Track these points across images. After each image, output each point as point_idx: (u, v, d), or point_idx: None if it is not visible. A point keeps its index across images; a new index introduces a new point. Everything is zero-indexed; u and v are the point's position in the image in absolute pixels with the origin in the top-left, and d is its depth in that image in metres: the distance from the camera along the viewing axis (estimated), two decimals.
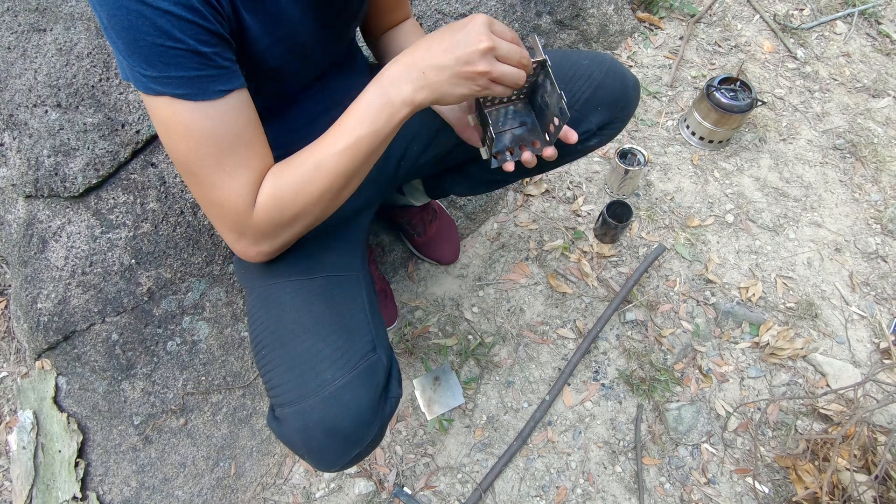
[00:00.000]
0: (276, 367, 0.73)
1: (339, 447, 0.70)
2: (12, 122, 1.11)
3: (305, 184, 0.62)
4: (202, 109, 0.56)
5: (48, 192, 1.11)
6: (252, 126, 0.61)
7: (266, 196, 0.63)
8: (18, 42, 1.10)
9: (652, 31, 1.79)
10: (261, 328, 0.77)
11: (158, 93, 0.55)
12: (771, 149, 1.57)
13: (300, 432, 0.69)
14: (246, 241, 0.65)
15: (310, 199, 0.63)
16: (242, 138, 0.60)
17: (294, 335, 0.74)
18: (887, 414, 1.19)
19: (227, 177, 0.60)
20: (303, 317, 0.75)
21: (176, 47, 0.53)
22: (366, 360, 0.73)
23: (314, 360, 0.71)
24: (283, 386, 0.71)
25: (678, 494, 1.13)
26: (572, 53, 0.89)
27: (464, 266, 1.39)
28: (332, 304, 0.76)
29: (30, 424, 1.12)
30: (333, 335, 0.73)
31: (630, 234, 1.43)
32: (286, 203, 0.63)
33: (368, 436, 0.71)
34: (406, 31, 0.87)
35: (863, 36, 1.81)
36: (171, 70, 0.54)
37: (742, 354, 1.28)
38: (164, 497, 1.12)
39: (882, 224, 1.45)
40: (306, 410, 0.69)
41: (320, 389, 0.69)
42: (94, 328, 1.14)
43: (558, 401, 1.23)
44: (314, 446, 0.69)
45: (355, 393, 0.70)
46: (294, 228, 0.66)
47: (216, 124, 0.57)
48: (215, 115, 0.57)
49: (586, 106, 0.87)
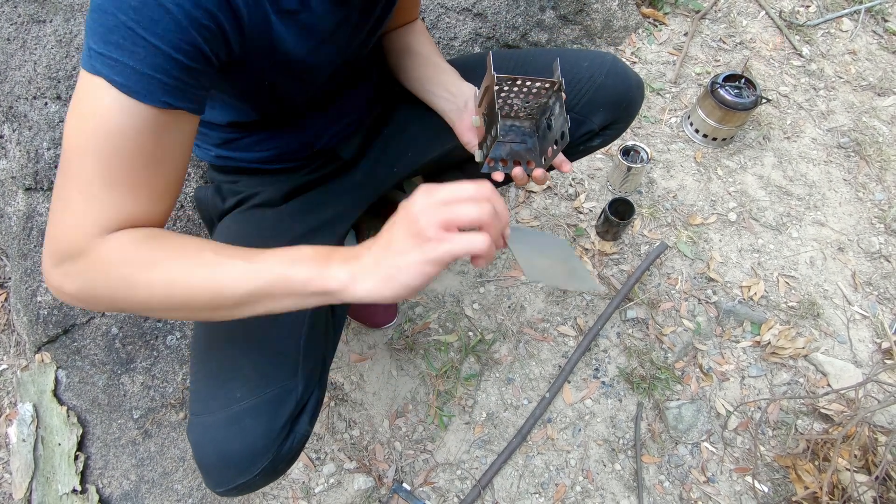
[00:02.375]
0: (198, 372, 0.71)
1: (224, 471, 0.66)
2: (12, 114, 1.10)
3: (164, 283, 0.50)
4: (130, 107, 0.47)
5: (48, 184, 1.11)
6: (171, 156, 0.52)
7: (120, 244, 0.50)
8: (18, 33, 1.09)
9: (656, 27, 1.77)
10: (199, 330, 0.74)
11: (97, 71, 0.47)
12: (775, 147, 1.56)
13: (197, 445, 0.66)
14: (55, 261, 0.51)
15: (151, 299, 0.51)
16: (152, 161, 0.50)
17: (220, 345, 0.70)
18: (888, 414, 1.18)
19: (101, 184, 0.49)
20: (236, 327, 0.69)
21: (145, 38, 0.46)
22: (279, 387, 0.68)
23: (229, 375, 0.68)
24: (198, 393, 0.69)
25: (677, 493, 1.13)
26: (573, 53, 0.88)
27: (464, 262, 1.38)
28: (267, 320, 0.68)
29: (29, 417, 1.12)
30: (256, 352, 0.69)
31: (632, 231, 1.42)
32: (132, 263, 0.50)
33: (257, 467, 0.66)
34: (413, 31, 0.87)
35: (869, 33, 1.79)
36: (125, 56, 0.46)
37: (743, 353, 1.27)
38: (164, 491, 1.12)
39: (885, 223, 1.44)
40: (206, 424, 0.66)
41: (227, 406, 0.66)
42: (93, 322, 1.14)
43: (558, 398, 1.23)
44: (204, 463, 0.66)
45: (256, 419, 0.65)
46: (106, 301, 0.52)
47: (133, 127, 0.48)
48: (139, 119, 0.48)
49: (588, 107, 0.85)
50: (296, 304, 0.52)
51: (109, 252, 0.50)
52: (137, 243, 0.51)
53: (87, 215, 0.49)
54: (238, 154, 0.81)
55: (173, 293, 0.51)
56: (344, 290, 0.50)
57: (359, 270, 0.50)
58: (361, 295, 0.50)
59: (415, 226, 0.49)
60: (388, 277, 0.49)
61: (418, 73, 0.85)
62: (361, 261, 0.50)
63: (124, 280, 0.50)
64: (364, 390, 1.24)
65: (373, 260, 0.50)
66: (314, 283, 0.50)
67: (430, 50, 0.86)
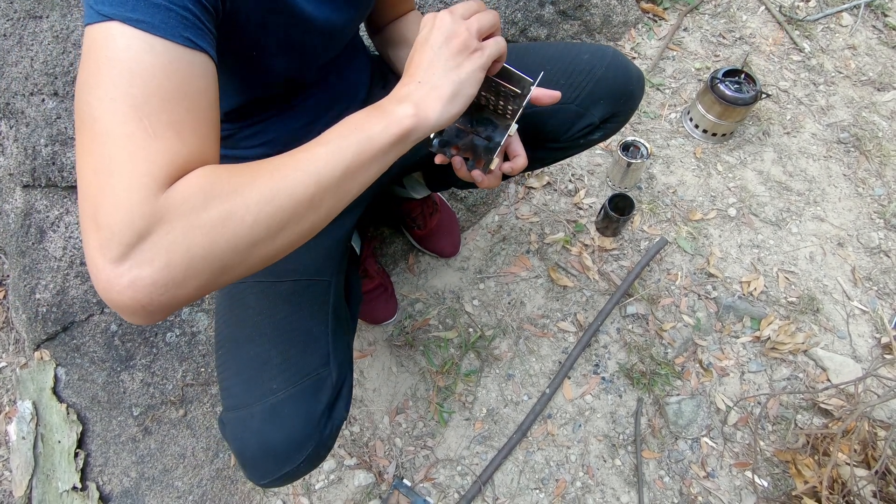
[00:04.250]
0: (228, 367, 0.71)
1: (269, 462, 0.67)
2: (9, 111, 1.09)
3: (255, 183, 0.43)
4: (153, 43, 0.41)
5: (46, 181, 1.11)
6: (207, 99, 0.45)
7: (190, 185, 0.41)
8: (14, 29, 1.08)
9: (656, 22, 1.77)
10: (222, 325, 0.75)
11: (106, 16, 0.41)
12: (774, 142, 1.56)
13: (236, 440, 0.67)
14: (120, 251, 0.38)
15: (253, 209, 0.42)
16: (189, 100, 0.43)
17: (250, 338, 0.71)
18: (888, 409, 1.18)
19: (141, 134, 0.40)
20: (263, 320, 0.71)
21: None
22: (314, 376, 0.69)
23: (263, 367, 0.68)
24: (231, 389, 0.69)
25: (677, 488, 1.14)
26: (574, 46, 0.87)
27: (464, 259, 1.38)
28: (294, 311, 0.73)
29: (29, 415, 1.12)
30: (287, 343, 0.70)
31: (632, 227, 1.42)
32: (219, 196, 0.41)
33: (301, 455, 0.67)
34: (410, 21, 0.86)
35: (869, 28, 1.79)
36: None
37: (743, 349, 1.28)
38: (164, 488, 1.12)
39: (885, 219, 1.44)
40: (246, 418, 0.67)
41: (264, 398, 0.67)
42: (92, 319, 1.14)
43: (558, 394, 1.23)
44: (247, 456, 0.67)
45: (296, 408, 0.67)
46: (210, 257, 0.41)
47: (162, 64, 0.41)
48: (166, 56, 0.41)
49: (588, 99, 0.85)
50: (381, 165, 0.50)
51: (185, 198, 0.40)
52: (210, 177, 0.42)
53: (141, 172, 0.39)
54: (237, 152, 0.81)
55: (280, 203, 0.43)
56: (419, 124, 0.51)
57: (420, 99, 0.52)
58: (434, 119, 0.52)
59: (458, 40, 0.54)
60: (454, 94, 0.53)
61: None
62: (417, 92, 0.53)
63: (219, 217, 0.41)
64: (364, 387, 1.24)
65: (429, 85, 0.53)
66: (391, 129, 0.50)
67: None
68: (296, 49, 0.66)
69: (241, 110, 0.75)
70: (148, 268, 0.38)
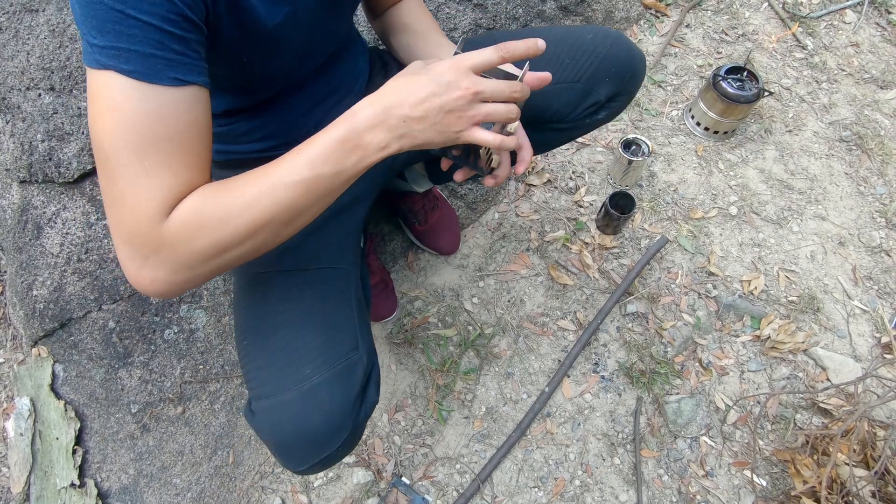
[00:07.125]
0: (256, 357, 0.71)
1: (307, 447, 0.67)
2: (5, 106, 1.08)
3: (241, 210, 0.52)
4: (144, 91, 0.48)
5: (42, 177, 1.10)
6: (195, 130, 0.53)
7: (185, 212, 0.52)
8: (10, 23, 1.07)
9: (658, 19, 1.75)
10: (246, 317, 0.75)
11: (104, 66, 0.48)
12: (776, 140, 1.55)
13: (272, 427, 0.67)
14: (139, 261, 0.52)
15: (240, 230, 0.53)
16: (178, 138, 0.51)
17: (277, 327, 0.72)
18: (887, 409, 1.18)
19: (142, 173, 0.50)
20: (288, 309, 0.72)
21: (136, 17, 0.46)
22: (346, 359, 0.70)
23: (295, 354, 0.69)
24: (261, 378, 0.70)
25: (676, 487, 1.14)
26: (577, 28, 0.88)
27: (464, 256, 1.37)
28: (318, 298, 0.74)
29: (27, 411, 1.11)
30: (316, 330, 0.71)
31: (632, 225, 1.41)
32: (208, 226, 0.52)
33: (338, 439, 0.68)
34: (409, 6, 0.84)
35: (872, 25, 1.78)
36: (125, 42, 0.47)
37: (743, 348, 1.27)
38: (163, 485, 1.12)
39: (887, 218, 1.44)
40: (282, 405, 0.67)
41: (297, 384, 0.67)
42: (90, 316, 1.13)
43: (558, 392, 1.22)
44: (284, 443, 0.67)
45: (331, 392, 0.67)
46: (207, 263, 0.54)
47: (153, 111, 0.49)
48: (155, 102, 0.49)
49: (593, 78, 0.85)
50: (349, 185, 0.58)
51: (187, 215, 0.52)
52: (205, 194, 0.53)
53: (145, 206, 0.51)
54: (236, 147, 0.80)
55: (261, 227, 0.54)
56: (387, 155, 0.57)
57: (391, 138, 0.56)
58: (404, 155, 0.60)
59: (456, 99, 0.55)
60: (427, 143, 0.57)
61: (418, 51, 0.82)
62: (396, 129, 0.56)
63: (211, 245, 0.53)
64: None
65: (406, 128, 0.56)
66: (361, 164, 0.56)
67: (428, 26, 0.83)
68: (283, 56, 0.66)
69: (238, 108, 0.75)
70: (161, 273, 0.53)
